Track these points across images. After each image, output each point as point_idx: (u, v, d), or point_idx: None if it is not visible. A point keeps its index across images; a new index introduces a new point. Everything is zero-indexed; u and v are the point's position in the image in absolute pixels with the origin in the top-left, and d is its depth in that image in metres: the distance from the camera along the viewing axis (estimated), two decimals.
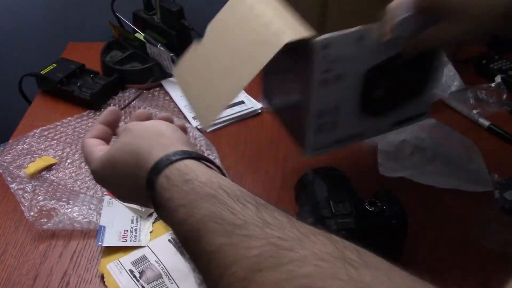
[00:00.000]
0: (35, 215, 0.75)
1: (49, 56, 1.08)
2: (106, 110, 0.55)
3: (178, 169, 0.43)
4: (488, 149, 0.84)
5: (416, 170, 0.82)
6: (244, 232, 0.36)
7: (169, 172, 0.43)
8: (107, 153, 0.49)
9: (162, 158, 0.44)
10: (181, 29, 1.03)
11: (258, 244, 0.35)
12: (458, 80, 1.00)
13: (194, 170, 0.43)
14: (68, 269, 0.69)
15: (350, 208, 0.60)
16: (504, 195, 0.77)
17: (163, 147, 0.45)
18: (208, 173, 0.42)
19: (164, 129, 0.49)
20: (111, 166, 0.49)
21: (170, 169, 0.43)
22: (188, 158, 0.44)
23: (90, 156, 0.51)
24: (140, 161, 0.45)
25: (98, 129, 0.54)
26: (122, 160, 0.47)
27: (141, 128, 0.49)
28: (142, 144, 0.46)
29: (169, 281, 0.65)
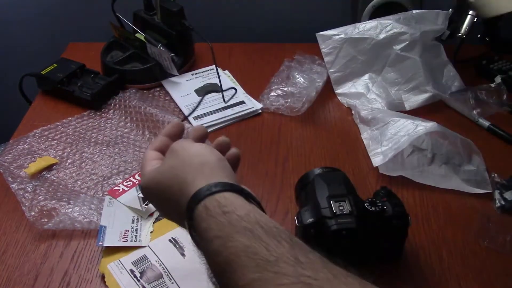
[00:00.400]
0: (35, 215, 0.75)
1: (50, 56, 1.08)
2: (171, 123, 0.58)
3: (218, 200, 0.44)
4: (488, 150, 0.84)
5: (416, 170, 0.82)
6: (276, 269, 0.37)
7: (208, 203, 0.44)
8: (155, 171, 0.51)
9: (203, 188, 0.45)
10: (181, 29, 1.03)
11: (288, 281, 0.36)
12: (458, 81, 1.01)
13: (233, 203, 0.44)
14: (69, 269, 0.69)
15: (351, 208, 0.60)
16: (504, 195, 0.77)
17: (206, 177, 0.47)
18: (246, 207, 0.44)
19: (209, 159, 0.50)
20: (156, 185, 0.51)
21: (209, 199, 0.44)
22: (228, 191, 0.45)
23: (143, 170, 0.54)
24: (183, 187, 0.47)
25: (161, 141, 0.56)
26: (167, 183, 0.49)
27: (188, 154, 0.50)
28: (187, 171, 0.48)
29: (170, 281, 0.65)
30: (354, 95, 0.99)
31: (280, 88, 0.99)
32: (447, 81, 1.01)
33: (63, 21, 1.28)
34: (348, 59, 0.99)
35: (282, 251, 0.39)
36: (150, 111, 0.93)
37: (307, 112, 0.96)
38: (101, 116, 0.96)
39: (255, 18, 1.26)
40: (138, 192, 0.78)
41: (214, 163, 0.49)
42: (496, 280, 0.67)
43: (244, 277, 0.38)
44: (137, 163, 0.86)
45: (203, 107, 0.98)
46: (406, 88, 0.97)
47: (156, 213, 0.76)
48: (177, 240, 0.70)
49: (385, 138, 0.84)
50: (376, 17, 1.00)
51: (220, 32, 1.20)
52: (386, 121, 0.87)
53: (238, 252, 0.40)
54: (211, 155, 0.50)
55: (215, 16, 1.24)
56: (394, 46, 0.96)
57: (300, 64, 1.03)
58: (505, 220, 0.75)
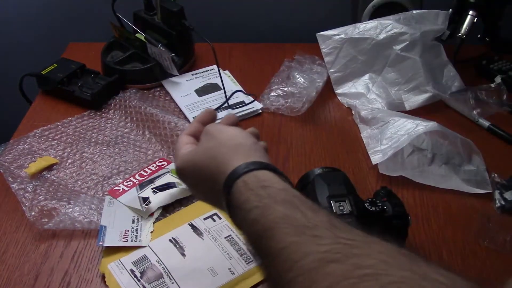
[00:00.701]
0: (36, 215, 0.75)
1: (50, 56, 1.08)
2: (204, 110, 0.60)
3: (256, 176, 0.46)
4: (488, 150, 0.84)
5: (416, 170, 0.82)
6: (314, 233, 0.39)
7: (247, 178, 0.46)
8: (191, 154, 0.53)
9: (240, 165, 0.47)
10: (181, 30, 1.03)
11: (327, 242, 0.38)
12: (458, 81, 1.01)
13: (271, 179, 0.46)
14: (69, 269, 0.69)
15: (351, 208, 0.60)
16: (504, 195, 0.77)
17: (243, 157, 0.49)
18: (283, 184, 0.46)
19: (245, 141, 0.52)
20: (192, 166, 0.52)
21: (248, 175, 0.46)
22: (265, 169, 0.47)
23: (177, 152, 0.55)
24: (220, 166, 0.49)
25: (195, 127, 0.58)
26: (203, 164, 0.51)
27: (224, 137, 0.52)
28: (224, 151, 0.50)
29: (170, 281, 0.65)
30: (354, 95, 0.99)
31: (280, 88, 0.99)
32: (447, 81, 1.01)
33: (63, 21, 1.28)
34: (348, 59, 0.99)
35: (320, 219, 0.40)
36: (150, 111, 0.94)
37: (307, 112, 0.96)
38: (101, 116, 0.96)
39: (255, 18, 1.26)
40: (138, 192, 0.79)
41: (249, 145, 0.51)
42: (496, 280, 0.67)
43: (282, 241, 0.40)
44: (137, 163, 0.86)
45: (203, 107, 0.98)
46: (406, 88, 0.97)
47: (156, 213, 0.76)
48: (178, 240, 0.70)
49: (384, 137, 0.84)
50: (376, 17, 1.00)
51: (220, 32, 1.20)
52: (386, 121, 0.87)
53: (277, 219, 0.41)
54: (246, 137, 0.52)
55: (215, 16, 1.24)
56: (394, 46, 0.96)
57: (300, 64, 1.03)
58: (505, 220, 0.75)
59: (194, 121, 0.59)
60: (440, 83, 1.00)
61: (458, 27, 0.97)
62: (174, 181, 0.80)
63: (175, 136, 0.88)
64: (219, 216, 0.74)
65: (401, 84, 0.97)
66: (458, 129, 0.84)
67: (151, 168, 0.84)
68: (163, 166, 0.84)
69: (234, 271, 0.66)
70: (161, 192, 0.77)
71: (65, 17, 1.28)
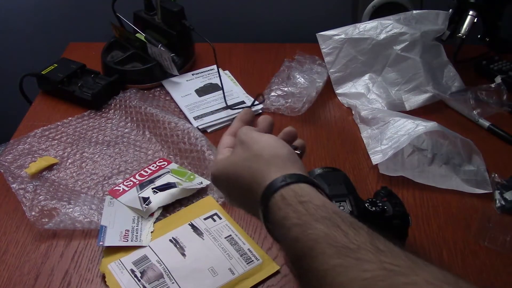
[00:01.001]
0: (36, 215, 0.75)
1: (50, 56, 1.08)
2: (243, 110, 0.60)
3: (294, 190, 0.46)
4: (488, 150, 0.84)
5: (416, 170, 0.82)
6: (357, 255, 0.38)
7: (285, 192, 0.46)
8: (226, 162, 0.53)
9: (278, 178, 0.47)
10: (181, 30, 1.03)
11: (371, 268, 0.37)
12: (458, 81, 1.01)
13: (309, 193, 0.45)
14: (69, 269, 0.69)
15: (351, 208, 0.60)
16: (504, 195, 0.77)
17: (279, 169, 0.48)
18: (321, 198, 0.45)
19: (281, 151, 0.51)
20: (227, 175, 0.52)
21: (286, 190, 0.46)
22: (303, 182, 0.47)
23: (216, 156, 0.55)
24: (256, 177, 0.49)
25: (237, 126, 0.57)
26: (238, 174, 0.51)
27: (259, 147, 0.51)
28: (259, 162, 0.49)
29: (170, 281, 0.65)
30: (354, 95, 0.99)
31: (281, 88, 0.99)
32: (447, 81, 1.01)
33: (63, 21, 1.28)
34: (349, 59, 0.99)
35: (362, 239, 0.40)
36: (150, 111, 0.94)
37: (307, 112, 0.96)
38: (101, 116, 0.96)
39: (255, 18, 1.26)
40: (139, 192, 0.79)
41: (286, 156, 0.50)
42: (496, 280, 0.67)
43: (325, 263, 0.39)
44: (138, 163, 0.86)
45: (203, 107, 0.98)
46: (406, 88, 0.97)
47: (156, 213, 0.76)
48: (178, 240, 0.70)
49: (385, 137, 0.84)
50: (377, 17, 1.00)
51: (220, 32, 1.20)
52: (386, 121, 0.87)
53: (318, 238, 0.41)
54: (283, 147, 0.51)
55: (215, 16, 1.24)
56: (394, 46, 0.96)
57: (300, 64, 1.03)
58: (505, 220, 0.75)
59: (235, 120, 0.58)
60: (440, 83, 1.00)
61: (458, 27, 0.97)
62: (174, 181, 0.80)
63: (175, 136, 0.88)
64: (219, 216, 0.74)
65: (401, 84, 0.97)
66: (458, 129, 0.84)
67: (151, 168, 0.84)
68: (163, 166, 0.84)
69: (234, 271, 0.67)
70: (161, 192, 0.78)
71: (65, 17, 1.28)
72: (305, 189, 0.46)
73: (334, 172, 0.68)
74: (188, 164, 0.85)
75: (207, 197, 0.79)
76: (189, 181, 0.80)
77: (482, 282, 0.67)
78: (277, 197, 0.46)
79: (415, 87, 0.97)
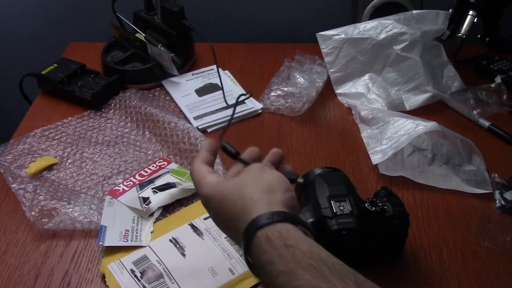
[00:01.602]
0: (36, 215, 0.75)
1: (50, 56, 1.08)
2: (207, 141, 0.60)
3: (279, 232, 0.46)
4: (488, 150, 0.84)
5: (416, 170, 0.82)
6: None
7: (270, 233, 0.46)
8: (221, 185, 0.53)
9: (264, 214, 0.47)
10: (181, 30, 1.03)
11: None
12: (458, 81, 1.01)
13: (294, 236, 0.46)
14: (69, 269, 0.69)
15: (351, 208, 0.60)
16: (504, 195, 0.77)
17: (269, 204, 0.49)
18: (307, 241, 0.45)
19: (277, 188, 0.52)
20: (219, 197, 0.52)
21: (270, 229, 0.46)
22: (289, 222, 0.47)
23: (203, 180, 0.55)
24: (246, 206, 0.49)
25: (207, 156, 0.58)
26: (231, 199, 0.51)
27: (263, 177, 0.53)
28: (254, 193, 0.50)
29: (170, 281, 0.65)
30: (354, 95, 0.99)
31: (281, 88, 0.99)
32: (447, 81, 1.01)
33: (63, 21, 1.28)
34: (348, 59, 0.99)
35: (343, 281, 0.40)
36: (150, 111, 0.94)
37: (307, 112, 0.96)
38: (101, 116, 0.96)
39: (255, 18, 1.26)
40: (139, 192, 0.79)
41: (281, 193, 0.51)
42: (496, 280, 0.67)
43: None
44: (137, 163, 0.86)
45: (203, 107, 0.98)
46: (406, 88, 0.97)
47: (156, 213, 0.76)
48: (178, 240, 0.70)
49: (385, 137, 0.84)
50: (376, 17, 1.00)
51: (220, 32, 1.20)
52: (386, 121, 0.87)
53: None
54: (282, 184, 0.53)
55: (215, 16, 1.24)
56: (394, 46, 0.96)
57: (300, 64, 1.03)
58: (505, 220, 0.75)
59: (203, 149, 0.59)
60: (440, 83, 1.00)
61: (458, 27, 0.97)
62: (174, 181, 0.80)
63: (175, 136, 0.88)
64: None
65: (401, 84, 0.97)
66: (458, 129, 0.84)
67: (151, 168, 0.84)
68: (163, 166, 0.84)
69: (234, 271, 0.66)
70: (161, 192, 0.78)
71: (65, 17, 1.28)
72: (291, 231, 0.46)
73: (334, 172, 0.68)
74: (188, 164, 0.85)
75: None
76: (189, 181, 0.80)
77: (482, 282, 0.67)
78: (262, 237, 0.46)
79: (415, 87, 0.97)
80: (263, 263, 0.45)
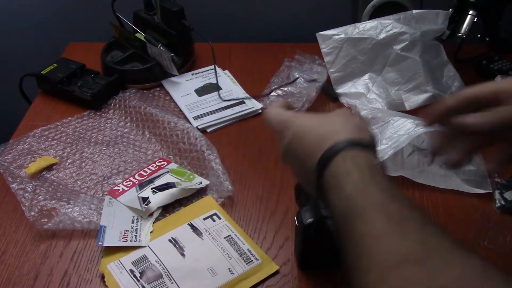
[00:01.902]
0: (35, 215, 0.75)
1: (50, 56, 1.08)
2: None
3: (366, 156, 0.46)
4: (488, 149, 0.84)
5: (416, 170, 0.82)
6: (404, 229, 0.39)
7: (357, 153, 0.46)
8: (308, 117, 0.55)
9: (355, 138, 0.48)
10: (181, 29, 1.03)
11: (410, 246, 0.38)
12: (458, 81, 1.01)
13: (379, 168, 0.46)
14: (69, 269, 0.69)
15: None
16: (504, 195, 0.77)
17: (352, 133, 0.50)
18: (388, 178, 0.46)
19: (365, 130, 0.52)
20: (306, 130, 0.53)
21: (357, 151, 0.47)
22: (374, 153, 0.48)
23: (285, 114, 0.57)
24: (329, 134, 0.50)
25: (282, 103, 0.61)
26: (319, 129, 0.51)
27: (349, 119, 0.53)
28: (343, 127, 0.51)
29: (170, 281, 0.65)
30: (354, 95, 0.99)
31: (280, 88, 0.99)
32: (447, 81, 1.01)
33: (63, 21, 1.28)
34: (348, 59, 0.99)
35: (412, 215, 0.40)
36: (150, 111, 0.93)
37: (307, 112, 0.96)
38: (101, 116, 0.96)
39: (255, 18, 1.26)
40: (138, 192, 0.78)
41: (369, 136, 0.52)
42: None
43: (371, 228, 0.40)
44: (137, 163, 0.86)
45: (203, 107, 0.98)
46: (406, 88, 0.97)
47: (156, 213, 0.76)
48: (177, 240, 0.70)
49: (384, 137, 0.84)
50: (376, 17, 1.00)
51: (220, 32, 1.20)
52: (386, 120, 0.86)
53: (374, 204, 0.41)
54: (369, 129, 0.53)
55: (215, 16, 1.24)
56: (394, 46, 0.96)
57: (300, 64, 1.03)
58: (505, 220, 0.75)
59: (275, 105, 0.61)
60: (440, 83, 0.99)
61: (458, 27, 0.97)
62: (173, 181, 0.80)
63: (175, 136, 0.88)
64: (218, 216, 0.74)
65: (401, 84, 0.97)
66: None
67: (151, 168, 0.84)
68: (163, 166, 0.84)
69: (234, 271, 0.66)
70: (161, 192, 0.77)
71: (65, 17, 1.28)
72: (376, 161, 0.47)
73: None
74: (188, 164, 0.85)
75: (206, 197, 0.79)
76: (189, 181, 0.80)
77: None
78: (347, 153, 0.46)
79: (415, 87, 0.97)
80: (338, 173, 0.45)
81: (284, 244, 0.72)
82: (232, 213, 0.76)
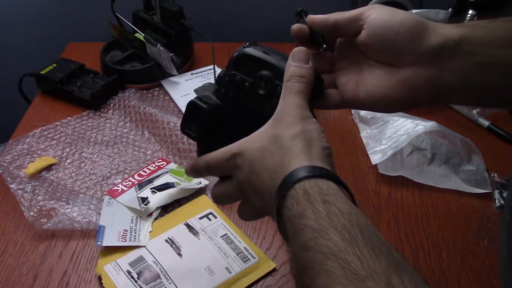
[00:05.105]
0: (34, 215, 0.75)
1: (49, 56, 1.08)
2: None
3: (319, 186, 0.41)
4: (488, 149, 0.84)
5: (415, 170, 0.82)
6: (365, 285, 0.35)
7: (308, 186, 0.41)
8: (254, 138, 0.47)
9: (305, 167, 0.42)
10: (180, 29, 1.03)
11: None
12: None
13: (336, 193, 0.41)
14: (68, 269, 0.69)
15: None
16: (503, 195, 0.77)
17: (309, 157, 0.43)
18: (348, 203, 0.40)
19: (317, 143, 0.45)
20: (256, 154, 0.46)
21: (310, 182, 0.41)
22: (332, 180, 0.42)
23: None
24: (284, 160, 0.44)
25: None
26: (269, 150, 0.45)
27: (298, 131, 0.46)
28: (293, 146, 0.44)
29: (167, 281, 0.65)
30: None
31: None
32: None
33: (63, 21, 1.28)
34: None
35: (377, 267, 0.36)
36: (149, 111, 0.93)
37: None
38: (100, 116, 0.96)
39: (255, 18, 1.26)
40: (137, 192, 0.78)
41: (320, 148, 0.45)
42: (495, 279, 0.67)
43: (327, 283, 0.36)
44: (136, 163, 0.86)
45: None
46: None
47: (155, 213, 0.76)
48: (173, 240, 0.70)
49: (384, 137, 0.84)
50: None
51: (220, 32, 1.20)
52: (385, 120, 0.86)
53: (329, 254, 0.37)
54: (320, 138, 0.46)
55: (214, 16, 1.24)
56: None
57: None
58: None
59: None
60: None
61: None
62: (173, 181, 0.79)
63: (174, 136, 0.88)
64: (214, 215, 0.74)
65: None
66: (457, 129, 0.84)
67: (150, 168, 0.83)
68: (162, 166, 0.84)
69: (231, 270, 0.66)
70: (160, 192, 0.77)
71: (64, 17, 1.28)
72: (332, 188, 0.41)
73: None
74: (187, 164, 0.85)
75: (201, 196, 0.79)
76: (188, 181, 0.80)
77: (481, 281, 0.67)
78: (299, 189, 0.41)
79: None
80: (292, 217, 0.40)
81: (283, 244, 0.72)
82: (228, 212, 0.76)
